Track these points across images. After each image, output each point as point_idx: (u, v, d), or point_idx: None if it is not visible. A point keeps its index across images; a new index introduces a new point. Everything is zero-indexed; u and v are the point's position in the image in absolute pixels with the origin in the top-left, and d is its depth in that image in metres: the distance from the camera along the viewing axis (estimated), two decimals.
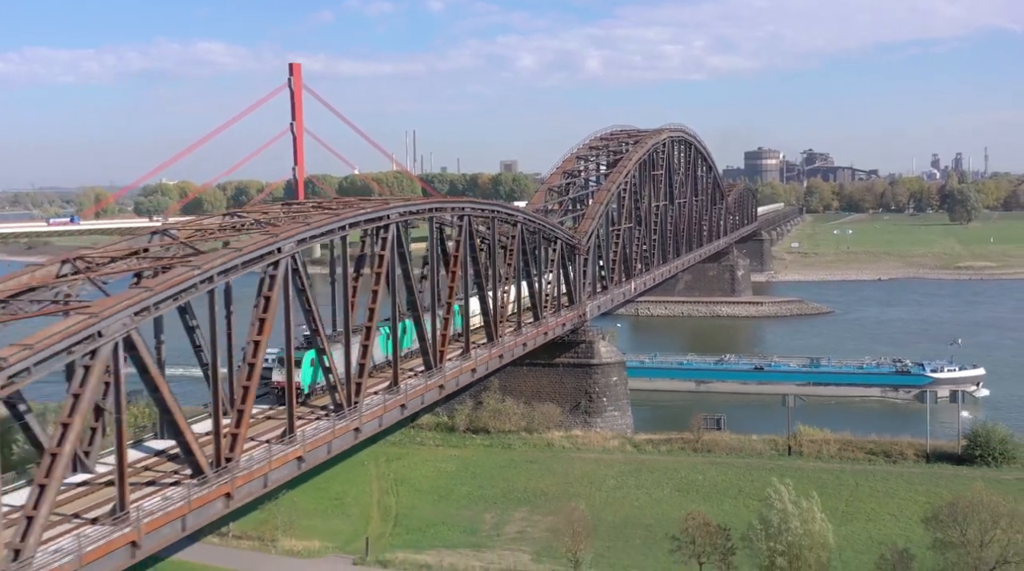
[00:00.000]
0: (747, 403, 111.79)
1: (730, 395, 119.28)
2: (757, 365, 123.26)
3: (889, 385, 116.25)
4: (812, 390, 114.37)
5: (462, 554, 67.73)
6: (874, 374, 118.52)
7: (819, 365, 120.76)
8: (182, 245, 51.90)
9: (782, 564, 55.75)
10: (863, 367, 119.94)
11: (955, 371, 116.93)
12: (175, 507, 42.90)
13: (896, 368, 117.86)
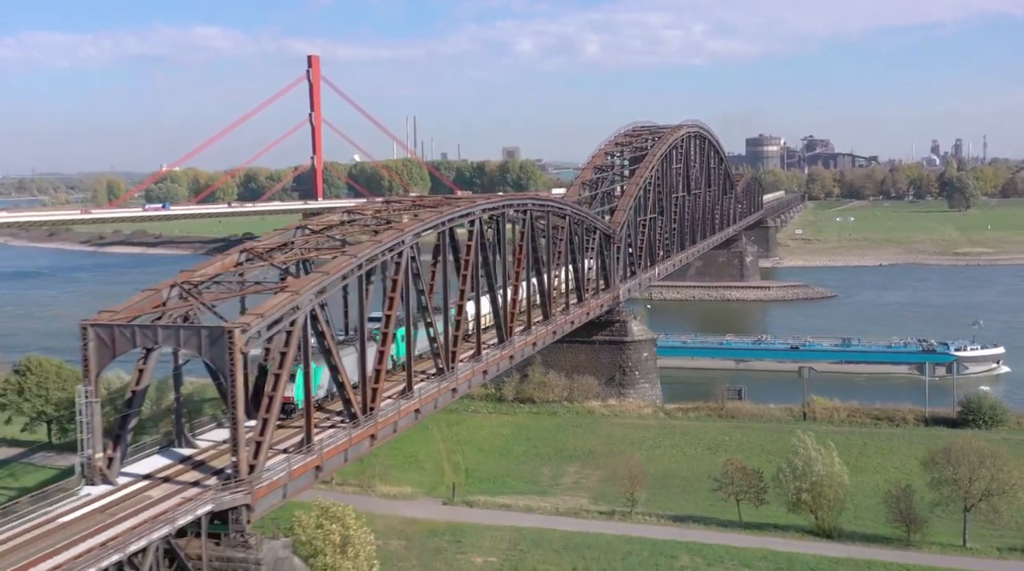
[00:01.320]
0: (783, 380, 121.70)
1: (767, 372, 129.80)
2: (793, 345, 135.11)
3: (916, 363, 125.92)
4: (844, 368, 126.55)
5: (530, 498, 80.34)
6: (902, 353, 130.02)
7: (850, 344, 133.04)
8: (326, 237, 64.27)
9: (807, 499, 68.83)
10: (891, 346, 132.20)
11: (977, 350, 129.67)
12: (341, 441, 55.68)
13: (922, 347, 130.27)
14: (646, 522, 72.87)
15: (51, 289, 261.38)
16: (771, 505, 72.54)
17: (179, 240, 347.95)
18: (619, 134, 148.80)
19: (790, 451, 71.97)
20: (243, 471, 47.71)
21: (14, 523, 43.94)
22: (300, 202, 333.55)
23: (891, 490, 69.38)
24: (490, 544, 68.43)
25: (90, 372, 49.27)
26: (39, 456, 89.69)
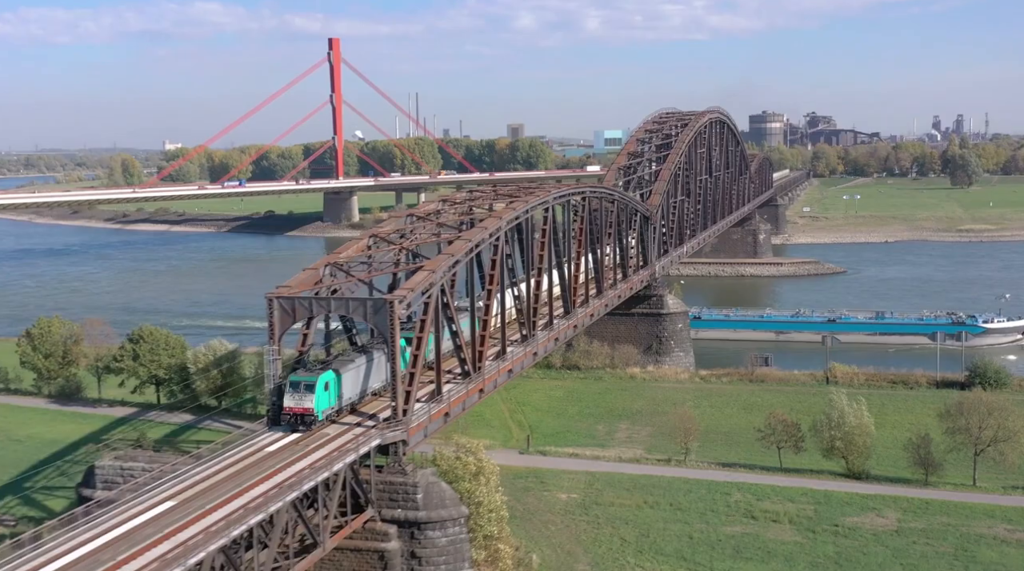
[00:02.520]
0: (820, 351, 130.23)
1: (806, 344, 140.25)
2: (830, 317, 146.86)
3: (945, 334, 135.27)
4: (878, 339, 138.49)
5: (591, 450, 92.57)
6: (932, 325, 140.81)
7: (883, 317, 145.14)
8: (434, 222, 76.17)
9: (839, 446, 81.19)
10: (923, 319, 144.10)
11: (1004, 322, 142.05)
12: (461, 394, 67.94)
13: (952, 319, 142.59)
14: (699, 467, 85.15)
15: (86, 266, 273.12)
16: (807, 453, 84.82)
17: (202, 218, 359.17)
18: (648, 121, 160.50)
19: (826, 405, 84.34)
20: (399, 414, 59.90)
21: (232, 453, 56.02)
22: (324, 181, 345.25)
23: (911, 438, 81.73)
24: (569, 484, 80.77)
25: (275, 335, 61.22)
26: (152, 414, 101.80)
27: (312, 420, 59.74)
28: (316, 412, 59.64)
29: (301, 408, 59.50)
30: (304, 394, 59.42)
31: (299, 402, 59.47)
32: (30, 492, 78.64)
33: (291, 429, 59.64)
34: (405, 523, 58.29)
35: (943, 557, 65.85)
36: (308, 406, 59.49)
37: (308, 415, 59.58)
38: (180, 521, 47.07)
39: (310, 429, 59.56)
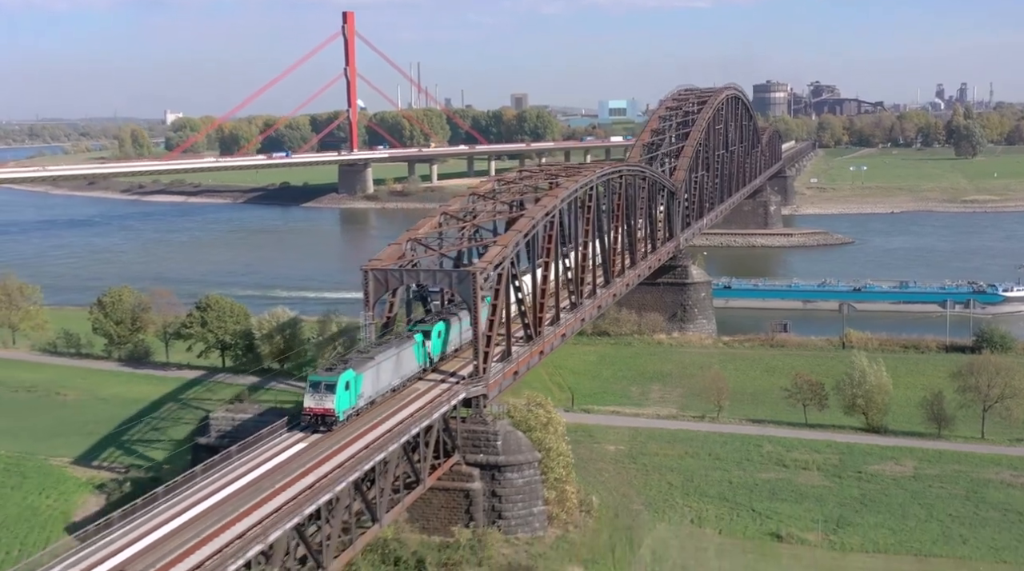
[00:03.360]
0: (856, 319, 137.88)
1: (832, 312, 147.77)
2: (855, 287, 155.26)
3: (954, 302, 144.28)
4: (903, 307, 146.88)
5: (630, 408, 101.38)
6: (954, 294, 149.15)
7: (907, 286, 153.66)
8: (497, 201, 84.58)
9: (860, 403, 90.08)
10: (945, 288, 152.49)
11: (1022, 290, 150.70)
12: (525, 356, 76.69)
13: (973, 288, 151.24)
14: (731, 423, 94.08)
15: (111, 237, 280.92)
16: (830, 410, 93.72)
17: (217, 189, 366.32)
18: (668, 99, 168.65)
19: (848, 366, 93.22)
20: (480, 372, 68.66)
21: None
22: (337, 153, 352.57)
23: (926, 396, 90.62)
24: (615, 437, 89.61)
25: (369, 302, 69.90)
26: (220, 376, 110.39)
27: (333, 421, 59.83)
28: (337, 412, 59.74)
29: (322, 409, 59.72)
30: (324, 394, 59.64)
31: (320, 402, 59.67)
32: (129, 444, 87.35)
33: (312, 430, 59.97)
34: (487, 466, 67.24)
35: (956, 498, 74.83)
36: (329, 407, 59.59)
37: (329, 416, 59.78)
38: (314, 460, 55.92)
39: (331, 430, 59.74)
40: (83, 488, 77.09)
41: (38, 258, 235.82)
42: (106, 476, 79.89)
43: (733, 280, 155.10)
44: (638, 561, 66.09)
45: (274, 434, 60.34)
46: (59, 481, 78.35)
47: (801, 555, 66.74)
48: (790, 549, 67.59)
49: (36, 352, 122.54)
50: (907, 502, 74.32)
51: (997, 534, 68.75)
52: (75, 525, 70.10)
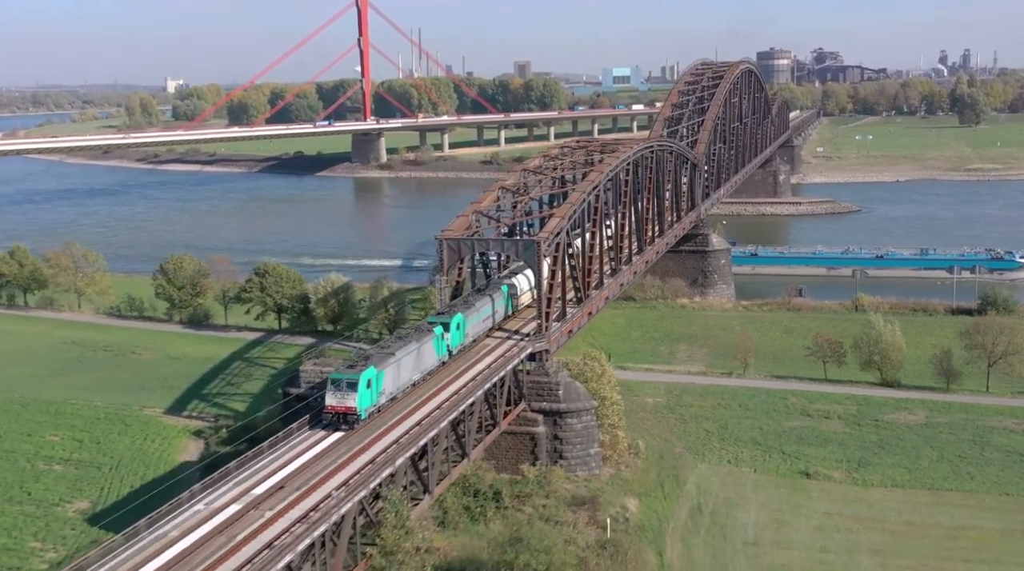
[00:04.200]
0: (869, 285, 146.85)
1: (870, 279, 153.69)
2: (877, 254, 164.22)
3: (985, 269, 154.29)
4: (923, 273, 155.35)
5: (661, 366, 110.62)
6: (972, 260, 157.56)
7: (927, 253, 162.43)
8: (548, 176, 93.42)
9: (876, 360, 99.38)
10: (963, 255, 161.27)
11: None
12: (578, 316, 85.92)
13: (991, 255, 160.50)
14: (757, 379, 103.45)
15: (133, 206, 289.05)
16: (848, 366, 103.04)
17: (232, 158, 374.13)
18: (686, 74, 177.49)
19: (865, 325, 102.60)
20: (543, 330, 77.85)
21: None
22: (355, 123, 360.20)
23: (935, 353, 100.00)
24: (652, 391, 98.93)
25: (443, 268, 78.88)
26: (278, 337, 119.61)
27: (355, 419, 59.87)
28: (359, 411, 59.74)
29: (344, 407, 59.68)
30: (347, 392, 59.60)
31: (341, 401, 59.64)
32: (210, 396, 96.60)
33: (333, 428, 60.23)
34: (549, 413, 76.50)
35: (963, 442, 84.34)
36: (351, 405, 59.51)
37: (351, 414, 59.82)
38: (417, 400, 65.23)
39: (352, 429, 60.03)
40: (181, 434, 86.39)
41: (69, 226, 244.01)
42: (198, 424, 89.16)
43: (759, 247, 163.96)
44: (685, 494, 75.63)
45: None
46: (158, 428, 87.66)
47: (828, 489, 76.29)
48: (818, 484, 77.16)
49: (101, 315, 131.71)
50: (920, 445, 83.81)
51: (1000, 472, 78.30)
52: (184, 465, 79.47)
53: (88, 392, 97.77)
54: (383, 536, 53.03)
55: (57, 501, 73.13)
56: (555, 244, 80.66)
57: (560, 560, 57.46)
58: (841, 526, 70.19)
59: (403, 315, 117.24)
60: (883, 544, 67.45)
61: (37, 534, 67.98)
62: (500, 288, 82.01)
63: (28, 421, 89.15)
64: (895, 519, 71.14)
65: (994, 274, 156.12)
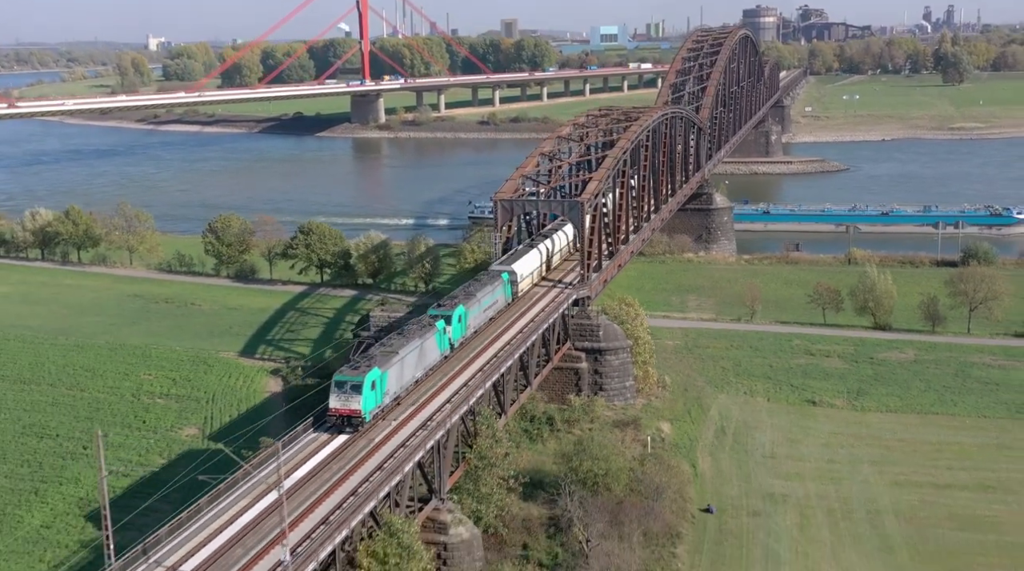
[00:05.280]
0: (875, 240, 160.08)
1: (862, 234, 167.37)
2: (884, 211, 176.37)
3: (984, 225, 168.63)
4: (926, 230, 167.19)
5: (676, 314, 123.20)
6: (972, 217, 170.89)
7: (930, 210, 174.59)
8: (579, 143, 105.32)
9: (871, 306, 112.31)
10: (964, 212, 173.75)
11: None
12: (611, 267, 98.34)
13: (990, 212, 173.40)
14: (763, 324, 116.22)
15: (141, 166, 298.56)
16: (844, 312, 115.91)
17: (232, 119, 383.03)
18: (688, 41, 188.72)
19: (854, 277, 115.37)
20: (586, 279, 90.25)
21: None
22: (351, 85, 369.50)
23: (923, 300, 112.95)
24: (670, 336, 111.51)
25: (498, 226, 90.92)
26: (322, 290, 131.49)
27: (359, 422, 59.60)
28: (364, 413, 59.40)
29: (348, 410, 59.33)
30: (351, 395, 59.27)
31: (346, 403, 59.31)
32: (276, 341, 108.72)
33: (337, 431, 59.87)
34: (591, 351, 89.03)
35: (947, 375, 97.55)
36: (355, 408, 59.13)
37: (355, 417, 59.49)
38: (480, 345, 77.58)
39: (357, 431, 59.91)
40: (260, 373, 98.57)
41: (84, 186, 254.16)
42: (271, 365, 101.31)
43: (771, 206, 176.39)
44: (709, 419, 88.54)
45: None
46: (237, 368, 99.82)
47: (831, 414, 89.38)
48: (822, 411, 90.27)
49: (153, 270, 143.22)
50: (910, 379, 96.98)
51: (979, 399, 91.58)
52: (269, 398, 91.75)
53: (163, 338, 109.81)
54: (479, 444, 65.60)
55: (170, 427, 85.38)
56: (595, 204, 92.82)
57: (616, 466, 70.29)
58: (844, 443, 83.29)
59: (438, 269, 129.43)
60: (880, 456, 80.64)
61: (161, 453, 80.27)
62: (500, 276, 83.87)
63: (121, 363, 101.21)
64: (889, 437, 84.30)
65: (993, 230, 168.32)
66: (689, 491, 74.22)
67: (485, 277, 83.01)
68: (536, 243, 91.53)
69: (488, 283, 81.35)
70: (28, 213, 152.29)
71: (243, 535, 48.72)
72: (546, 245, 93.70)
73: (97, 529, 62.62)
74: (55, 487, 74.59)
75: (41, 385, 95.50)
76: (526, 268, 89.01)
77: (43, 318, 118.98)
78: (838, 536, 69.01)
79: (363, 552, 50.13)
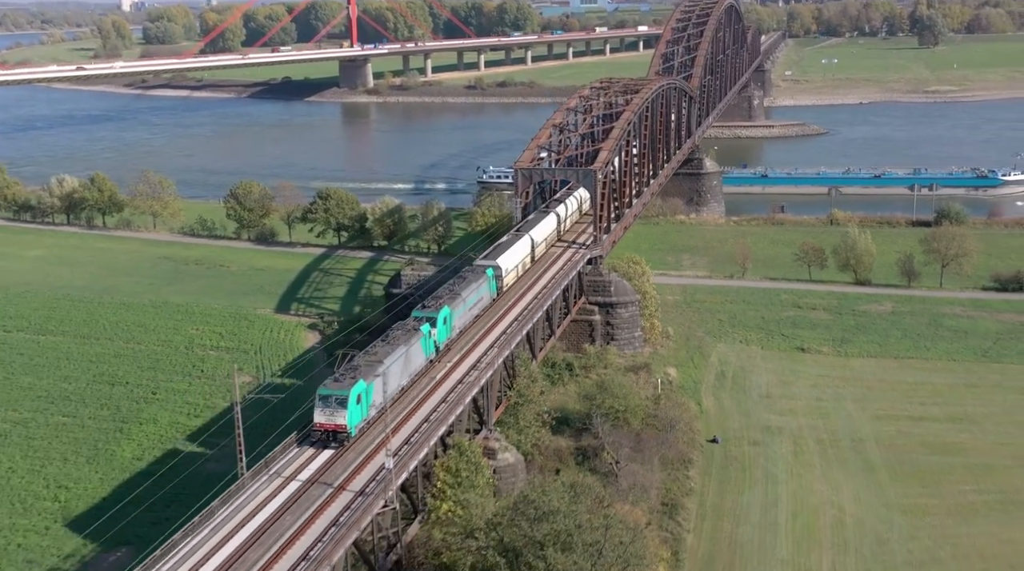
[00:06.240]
0: (870, 202, 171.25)
1: (855, 196, 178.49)
2: (876, 174, 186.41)
3: (971, 186, 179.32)
4: (918, 192, 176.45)
5: (673, 272, 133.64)
6: (960, 179, 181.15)
7: (920, 173, 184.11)
8: (587, 115, 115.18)
9: (852, 263, 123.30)
10: (952, 174, 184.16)
11: (1018, 175, 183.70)
12: (618, 228, 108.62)
13: (976, 173, 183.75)
14: (753, 280, 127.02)
15: (135, 132, 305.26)
16: (828, 269, 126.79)
17: (220, 84, 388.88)
18: (677, 11, 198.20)
19: (837, 236, 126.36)
20: (599, 239, 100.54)
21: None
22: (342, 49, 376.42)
23: (900, 257, 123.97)
24: (669, 292, 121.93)
25: (518, 192, 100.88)
26: (340, 252, 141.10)
27: (345, 437, 58.56)
28: (349, 428, 58.38)
29: (333, 425, 58.23)
30: (336, 409, 58.14)
31: (331, 418, 58.17)
32: (307, 299, 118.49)
33: (322, 446, 58.70)
34: (603, 304, 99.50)
35: (922, 325, 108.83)
36: (341, 423, 58.09)
37: (340, 432, 58.48)
38: (505, 306, 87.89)
39: (342, 446, 58.80)
40: (298, 327, 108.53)
41: (83, 152, 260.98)
42: (306, 320, 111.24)
43: (769, 169, 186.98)
44: (710, 365, 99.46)
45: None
46: (276, 323, 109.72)
47: (819, 360, 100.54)
48: (811, 356, 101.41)
49: (177, 234, 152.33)
50: (888, 328, 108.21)
51: (949, 345, 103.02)
52: (310, 349, 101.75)
53: (201, 297, 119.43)
54: (518, 383, 76.09)
55: (225, 376, 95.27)
56: (605, 172, 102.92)
57: (634, 404, 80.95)
58: (830, 384, 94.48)
59: (450, 232, 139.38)
60: (862, 395, 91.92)
61: (223, 397, 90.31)
62: (484, 272, 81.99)
63: (168, 319, 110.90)
64: (870, 378, 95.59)
65: (979, 191, 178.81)
66: (697, 425, 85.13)
67: (469, 274, 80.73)
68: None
69: (473, 281, 79.38)
70: (54, 180, 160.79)
71: (345, 451, 58.94)
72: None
73: (176, 460, 72.70)
74: (136, 427, 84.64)
75: (100, 340, 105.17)
76: (511, 261, 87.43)
77: (84, 279, 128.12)
78: (827, 460, 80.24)
79: (439, 467, 60.45)
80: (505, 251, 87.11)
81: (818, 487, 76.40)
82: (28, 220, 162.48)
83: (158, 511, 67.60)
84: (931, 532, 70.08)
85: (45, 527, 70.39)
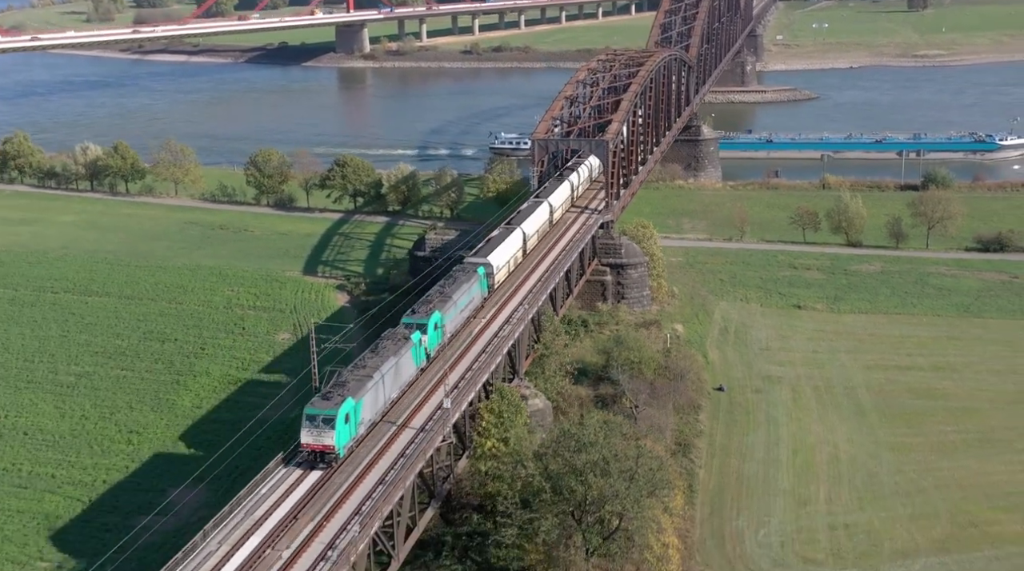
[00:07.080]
0: (872, 166, 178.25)
1: (856, 161, 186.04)
2: (877, 139, 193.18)
3: (969, 150, 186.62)
4: (917, 157, 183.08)
5: (673, 235, 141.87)
6: (958, 143, 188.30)
7: (920, 138, 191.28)
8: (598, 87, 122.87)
9: (844, 226, 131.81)
10: (951, 138, 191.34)
11: (1016, 139, 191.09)
12: (627, 195, 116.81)
13: (974, 138, 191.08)
14: (751, 242, 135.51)
15: (136, 98, 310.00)
16: (821, 232, 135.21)
17: (217, 49, 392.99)
18: None
19: (830, 200, 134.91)
20: (611, 205, 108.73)
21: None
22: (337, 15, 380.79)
23: (888, 220, 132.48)
24: (672, 254, 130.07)
25: (534, 162, 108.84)
26: (357, 217, 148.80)
27: (333, 457, 57.51)
28: (337, 448, 57.22)
29: (320, 445, 57.22)
30: (323, 429, 56.99)
31: (318, 438, 57.11)
32: (331, 261, 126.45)
33: (309, 466, 57.70)
34: (614, 266, 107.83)
35: (908, 284, 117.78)
36: (328, 443, 56.96)
37: (328, 452, 57.39)
38: (522, 274, 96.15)
39: (330, 466, 57.83)
40: (328, 288, 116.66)
41: (86, 118, 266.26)
42: (334, 281, 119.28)
43: (774, 134, 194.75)
44: (713, 321, 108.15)
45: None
46: (306, 285, 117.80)
47: (814, 316, 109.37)
48: (807, 313, 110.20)
49: (198, 200, 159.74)
50: (877, 286, 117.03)
51: (934, 301, 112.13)
52: (342, 308, 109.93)
53: (231, 260, 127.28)
54: (544, 336, 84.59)
55: (265, 333, 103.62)
56: (616, 142, 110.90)
57: (647, 355, 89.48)
58: (825, 338, 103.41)
59: (461, 198, 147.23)
60: (854, 347, 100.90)
61: (267, 352, 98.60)
62: (475, 271, 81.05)
63: (203, 281, 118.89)
64: (861, 332, 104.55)
65: (976, 155, 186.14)
66: (704, 375, 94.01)
67: (460, 273, 79.80)
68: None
69: (464, 281, 78.44)
70: (78, 147, 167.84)
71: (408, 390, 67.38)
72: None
73: (233, 411, 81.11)
74: (191, 379, 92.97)
75: (143, 300, 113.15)
76: (503, 257, 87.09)
77: (116, 243, 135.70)
78: (822, 405, 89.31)
79: (483, 408, 69.01)
80: (496, 247, 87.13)
81: (815, 428, 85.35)
82: (53, 186, 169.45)
83: (226, 455, 75.84)
84: (916, 466, 79.21)
85: (125, 466, 78.85)
